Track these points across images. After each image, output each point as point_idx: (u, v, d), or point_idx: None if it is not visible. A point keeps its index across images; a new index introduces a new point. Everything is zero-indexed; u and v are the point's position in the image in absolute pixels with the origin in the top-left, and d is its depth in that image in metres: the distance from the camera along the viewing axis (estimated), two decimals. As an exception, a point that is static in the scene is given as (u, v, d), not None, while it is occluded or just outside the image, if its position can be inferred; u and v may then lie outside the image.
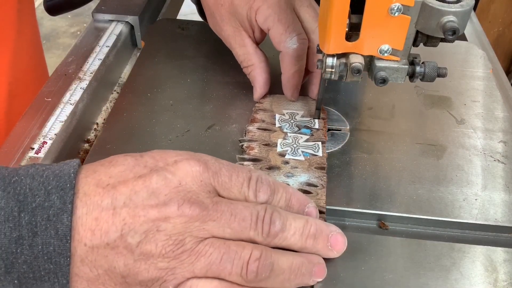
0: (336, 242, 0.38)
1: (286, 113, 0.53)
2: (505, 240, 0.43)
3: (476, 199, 0.45)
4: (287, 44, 0.51)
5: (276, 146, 0.48)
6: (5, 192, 0.32)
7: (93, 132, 0.54)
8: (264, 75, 0.54)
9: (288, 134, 0.50)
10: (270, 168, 0.46)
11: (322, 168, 0.46)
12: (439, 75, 0.44)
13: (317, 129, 0.51)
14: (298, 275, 0.36)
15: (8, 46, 0.62)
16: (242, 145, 0.49)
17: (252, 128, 0.50)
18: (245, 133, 0.50)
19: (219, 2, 0.53)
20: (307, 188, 0.44)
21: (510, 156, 0.50)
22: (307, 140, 0.49)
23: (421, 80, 0.44)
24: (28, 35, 0.66)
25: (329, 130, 0.52)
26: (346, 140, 0.51)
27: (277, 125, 0.51)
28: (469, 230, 0.44)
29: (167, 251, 0.32)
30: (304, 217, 0.37)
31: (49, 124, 0.50)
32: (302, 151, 0.48)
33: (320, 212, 0.42)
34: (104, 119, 0.56)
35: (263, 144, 0.48)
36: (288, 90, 0.53)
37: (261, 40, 0.55)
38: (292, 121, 0.51)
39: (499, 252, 0.41)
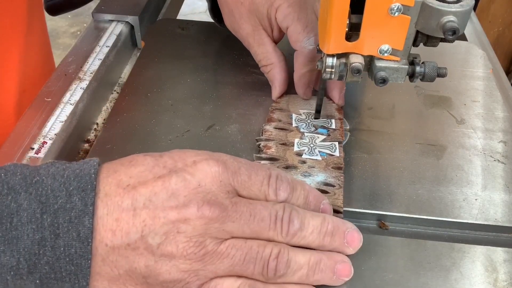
0: (352, 239, 0.38)
1: (303, 112, 0.53)
2: (505, 240, 0.43)
3: (476, 199, 0.45)
4: (303, 44, 0.51)
5: (293, 145, 0.48)
6: (27, 193, 0.32)
7: (93, 132, 0.54)
8: (283, 73, 0.54)
9: (305, 134, 0.50)
10: (287, 167, 0.46)
11: (339, 168, 0.46)
12: (439, 75, 0.44)
13: (334, 129, 0.51)
14: (316, 271, 0.36)
15: (19, 42, 0.62)
16: (259, 144, 0.49)
17: (269, 127, 0.51)
18: (262, 132, 0.50)
19: (239, 0, 0.53)
20: (324, 187, 0.44)
21: (510, 156, 0.50)
22: (324, 140, 0.49)
23: (421, 80, 0.44)
24: (37, 31, 0.66)
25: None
26: (346, 140, 0.51)
27: (294, 124, 0.51)
28: (469, 230, 0.44)
29: (189, 253, 0.33)
30: (321, 214, 0.38)
31: (49, 124, 0.50)
32: (319, 151, 0.48)
33: (338, 211, 0.42)
34: (104, 119, 0.56)
35: (280, 144, 0.48)
36: (299, 88, 0.54)
37: (279, 40, 0.55)
38: (308, 121, 0.52)
39: (499, 252, 0.41)
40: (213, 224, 0.33)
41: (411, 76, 0.43)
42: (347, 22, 0.41)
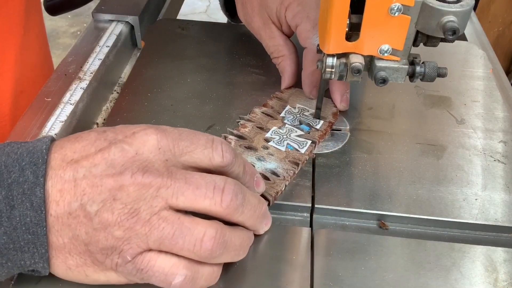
0: (268, 221, 0.41)
1: (298, 107, 0.53)
2: (505, 240, 0.43)
3: (476, 199, 0.45)
4: (313, 41, 0.51)
5: (268, 131, 0.49)
6: None
7: (93, 132, 0.54)
8: (294, 66, 0.55)
9: (286, 125, 0.51)
10: (249, 147, 0.47)
11: (295, 164, 0.46)
12: (439, 75, 0.44)
13: (317, 130, 0.51)
14: (244, 250, 0.38)
15: (15, 43, 0.62)
16: (239, 122, 0.50)
17: (258, 110, 0.52)
18: (250, 113, 0.52)
19: None
20: (268, 174, 0.45)
21: (510, 156, 0.50)
22: (299, 136, 0.50)
23: (421, 80, 0.44)
24: (35, 32, 0.66)
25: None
26: (346, 140, 0.51)
27: (282, 114, 0.52)
28: (469, 230, 0.44)
29: (122, 219, 0.33)
30: (256, 194, 0.39)
31: (49, 124, 0.50)
32: (288, 143, 0.48)
33: (266, 199, 0.43)
34: (104, 119, 0.56)
35: (257, 127, 0.50)
36: (306, 87, 0.54)
37: (289, 36, 0.55)
38: (298, 115, 0.52)
39: (499, 252, 0.41)
40: (146, 190, 0.34)
41: (411, 76, 0.43)
42: (347, 22, 0.41)
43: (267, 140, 0.48)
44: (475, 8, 1.33)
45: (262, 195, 0.42)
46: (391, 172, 0.48)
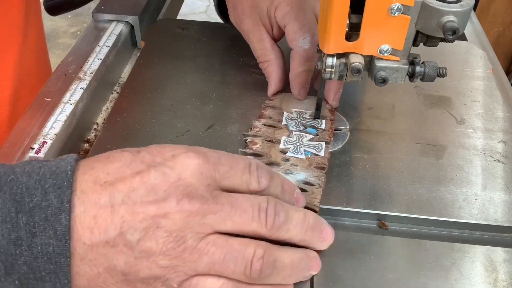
0: (327, 234, 0.38)
1: (294, 111, 0.53)
2: (505, 240, 0.43)
3: (476, 199, 0.45)
4: (299, 43, 0.51)
5: (279, 143, 0.48)
6: (1, 192, 0.31)
7: (93, 132, 0.54)
8: (280, 71, 0.54)
9: (293, 132, 0.50)
10: (270, 164, 0.46)
11: (321, 168, 0.46)
12: (439, 75, 0.44)
13: (323, 130, 0.51)
14: (298, 270, 0.36)
15: (14, 49, 0.61)
16: (246, 140, 0.49)
17: (258, 123, 0.51)
18: (251, 128, 0.51)
19: None
20: (303, 186, 0.44)
21: (510, 156, 0.50)
22: (311, 140, 0.49)
23: (421, 80, 0.44)
24: (33, 37, 0.66)
25: (329, 130, 0.52)
26: (346, 140, 0.51)
27: (284, 122, 0.51)
28: (469, 230, 0.44)
29: (168, 248, 0.32)
30: (301, 209, 0.38)
31: (49, 124, 0.50)
32: (305, 150, 0.48)
33: (313, 210, 0.42)
34: (104, 119, 0.56)
35: (267, 140, 0.49)
36: (295, 88, 0.54)
37: (279, 38, 0.55)
38: (299, 119, 0.52)
39: (499, 252, 0.41)
40: (193, 217, 0.32)
41: (411, 76, 0.43)
42: (347, 22, 0.41)
43: (283, 152, 0.47)
44: (475, 8, 1.33)
45: (308, 208, 0.41)
46: (391, 172, 0.48)
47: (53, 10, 0.70)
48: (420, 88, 0.58)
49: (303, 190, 0.44)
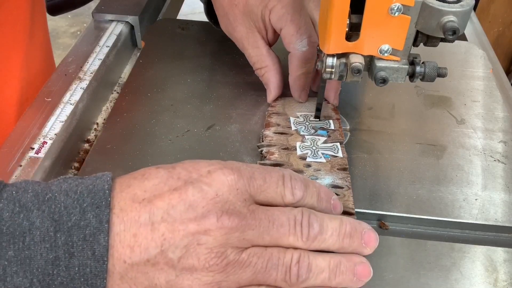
0: (369, 239, 0.37)
1: (300, 115, 0.52)
2: (505, 240, 0.43)
3: (476, 199, 0.45)
4: (296, 46, 0.51)
5: (295, 149, 0.48)
6: (40, 210, 0.31)
7: (93, 132, 0.54)
8: (278, 76, 0.54)
9: (306, 136, 0.50)
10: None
11: (344, 169, 0.46)
12: (439, 75, 0.44)
13: (334, 130, 0.50)
14: (338, 273, 0.36)
15: (21, 50, 0.61)
16: (262, 151, 0.48)
17: (269, 132, 0.50)
18: (262, 138, 0.50)
19: (233, 3, 0.53)
20: (333, 190, 0.44)
21: (510, 156, 0.50)
22: (325, 142, 0.49)
23: (421, 80, 0.44)
24: (39, 38, 0.66)
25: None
26: (346, 140, 0.51)
27: (293, 128, 0.51)
28: (469, 230, 0.44)
29: (211, 265, 0.32)
30: (338, 217, 0.37)
31: (49, 124, 0.50)
32: (322, 153, 0.48)
33: (349, 213, 0.42)
34: (104, 119, 0.56)
35: (282, 148, 0.48)
36: (295, 91, 0.53)
37: (274, 42, 0.55)
38: (307, 123, 0.51)
39: (499, 252, 0.41)
40: (233, 233, 0.32)
41: (411, 76, 0.43)
42: (347, 22, 0.41)
43: (302, 158, 0.47)
44: (475, 8, 1.33)
45: (344, 212, 0.41)
46: (391, 172, 0.48)
47: (53, 10, 0.70)
48: (420, 88, 0.58)
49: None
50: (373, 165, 0.48)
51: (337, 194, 0.43)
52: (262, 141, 0.49)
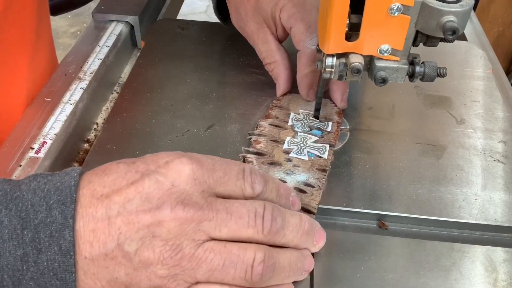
0: (320, 237, 0.38)
1: (302, 112, 0.53)
2: (505, 240, 0.43)
3: (476, 199, 0.45)
4: (306, 44, 0.51)
5: (283, 143, 0.48)
6: (7, 209, 0.31)
7: (93, 132, 0.54)
8: (287, 71, 0.54)
9: (298, 133, 0.50)
10: (272, 163, 0.46)
11: (323, 170, 0.46)
12: (439, 75, 0.44)
13: (329, 132, 0.51)
14: (295, 270, 0.36)
15: (28, 50, 0.61)
16: (250, 138, 0.49)
17: (264, 123, 0.51)
18: (257, 127, 0.51)
19: None
20: (303, 187, 0.44)
21: (510, 156, 0.50)
22: (315, 142, 0.49)
23: (421, 80, 0.44)
24: (45, 38, 0.66)
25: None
26: (346, 140, 0.51)
27: (290, 123, 0.51)
28: (469, 230, 0.44)
29: (165, 257, 0.32)
30: (297, 213, 0.38)
31: (49, 124, 0.50)
32: (308, 151, 0.48)
33: (310, 212, 0.42)
34: (104, 119, 0.56)
35: (271, 140, 0.49)
36: (302, 89, 0.54)
37: (284, 39, 0.55)
38: (305, 121, 0.52)
39: (499, 252, 0.41)
40: (188, 224, 0.32)
41: (411, 76, 0.43)
42: (347, 22, 0.41)
43: (286, 152, 0.47)
44: (475, 8, 1.33)
45: (305, 209, 0.42)
46: (391, 172, 0.48)
47: (53, 10, 0.69)
48: (420, 88, 0.58)
49: (302, 191, 0.44)
50: (373, 165, 0.48)
51: (305, 192, 0.44)
52: (256, 130, 0.50)
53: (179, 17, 0.89)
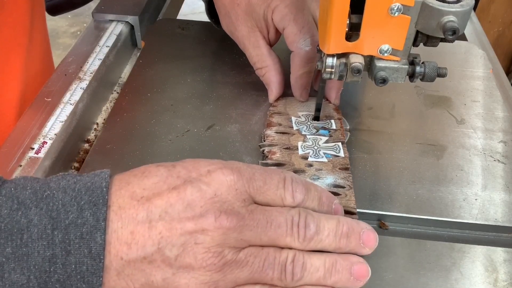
0: (368, 239, 0.37)
1: (302, 115, 0.52)
2: (505, 240, 0.43)
3: (476, 199, 0.45)
4: (299, 45, 0.51)
5: (297, 149, 0.48)
6: (38, 208, 0.31)
7: (93, 132, 0.54)
8: (279, 76, 0.54)
9: (307, 136, 0.50)
10: (295, 171, 0.45)
11: (346, 169, 0.46)
12: (439, 75, 0.44)
13: (335, 130, 0.50)
14: (333, 272, 0.36)
15: (21, 51, 0.61)
16: (263, 150, 0.48)
17: (270, 132, 0.50)
18: (264, 138, 0.50)
19: (235, 2, 0.53)
20: (334, 189, 0.44)
21: (510, 156, 0.50)
22: (326, 142, 0.49)
23: (421, 80, 0.44)
24: (39, 39, 0.66)
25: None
26: (346, 140, 0.51)
27: (295, 127, 0.51)
28: (469, 230, 0.44)
29: (208, 264, 0.32)
30: (335, 217, 0.37)
31: (49, 124, 0.50)
32: (324, 153, 0.47)
33: (351, 213, 0.42)
34: (104, 119, 0.56)
35: (284, 148, 0.48)
36: (296, 90, 0.53)
37: (275, 41, 0.55)
38: (308, 123, 0.51)
39: (499, 252, 0.41)
40: (231, 233, 0.33)
41: (411, 76, 0.43)
42: (347, 22, 0.41)
43: (304, 158, 0.47)
44: (475, 8, 1.33)
45: (346, 211, 0.41)
46: (391, 172, 0.48)
47: (53, 10, 0.70)
48: (420, 88, 0.58)
49: (334, 193, 0.43)
50: (373, 165, 0.48)
51: (338, 194, 0.43)
52: (264, 141, 0.49)
53: (179, 17, 0.89)
